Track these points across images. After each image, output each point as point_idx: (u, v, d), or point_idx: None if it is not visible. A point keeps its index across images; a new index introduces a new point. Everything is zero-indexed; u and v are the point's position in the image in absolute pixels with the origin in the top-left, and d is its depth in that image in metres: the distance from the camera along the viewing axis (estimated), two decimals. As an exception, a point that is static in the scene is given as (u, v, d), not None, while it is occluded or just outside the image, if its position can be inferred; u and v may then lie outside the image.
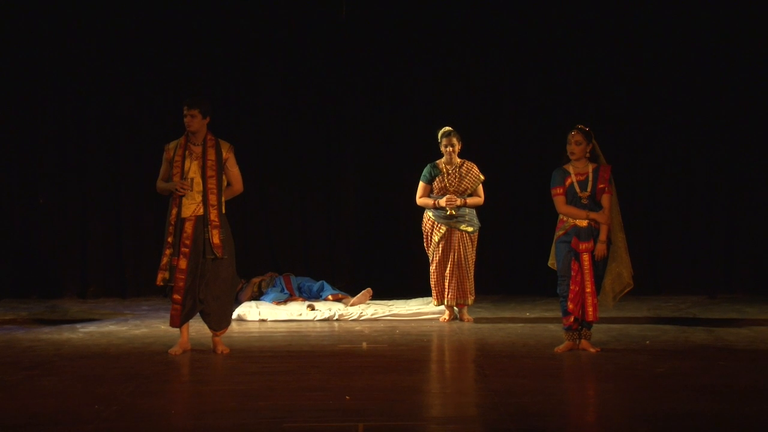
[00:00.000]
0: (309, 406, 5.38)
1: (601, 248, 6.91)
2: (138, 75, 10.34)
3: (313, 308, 8.93)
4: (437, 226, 8.59)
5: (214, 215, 6.92)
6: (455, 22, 10.38)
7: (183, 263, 6.88)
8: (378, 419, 5.07)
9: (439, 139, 8.58)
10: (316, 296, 9.49)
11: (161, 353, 6.99)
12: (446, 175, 8.57)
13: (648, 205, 10.41)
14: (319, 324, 8.62)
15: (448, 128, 8.58)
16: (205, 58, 10.38)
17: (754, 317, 8.65)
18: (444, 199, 8.50)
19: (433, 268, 8.64)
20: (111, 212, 10.42)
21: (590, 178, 6.96)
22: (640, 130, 10.37)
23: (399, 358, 6.91)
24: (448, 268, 8.56)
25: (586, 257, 6.91)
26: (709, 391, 5.69)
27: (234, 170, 7.14)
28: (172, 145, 7.07)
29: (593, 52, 10.31)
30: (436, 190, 8.60)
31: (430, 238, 8.67)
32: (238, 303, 9.07)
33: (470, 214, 8.63)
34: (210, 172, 6.94)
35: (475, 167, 8.64)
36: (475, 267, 8.69)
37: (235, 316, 8.41)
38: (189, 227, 6.90)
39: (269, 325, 8.57)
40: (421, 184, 8.66)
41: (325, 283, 9.64)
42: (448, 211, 8.52)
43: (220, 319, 7.05)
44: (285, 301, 9.22)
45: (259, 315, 8.79)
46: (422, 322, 8.66)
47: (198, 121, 6.95)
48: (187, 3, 10.34)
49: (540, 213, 10.01)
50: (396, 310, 8.91)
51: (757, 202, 10.31)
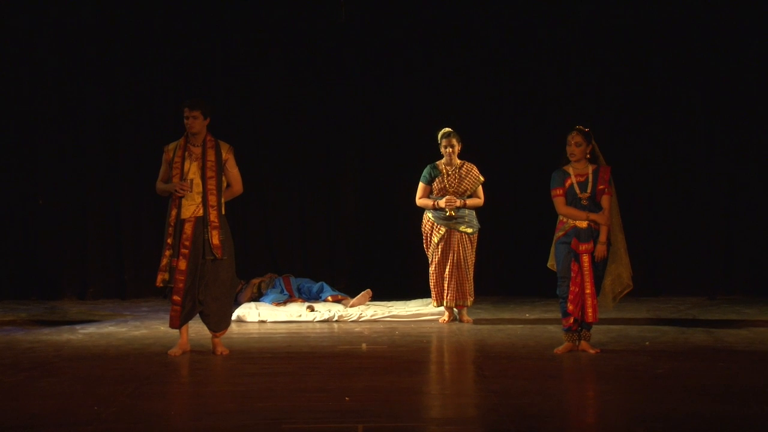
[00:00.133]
0: (308, 407, 5.38)
1: (601, 249, 6.90)
2: (138, 76, 10.35)
3: (312, 309, 8.93)
4: (437, 227, 8.59)
5: (213, 216, 6.91)
6: (455, 23, 10.38)
7: (182, 264, 6.88)
8: (377, 420, 5.07)
9: (439, 140, 8.58)
10: (316, 297, 9.49)
11: (161, 354, 6.98)
12: (446, 176, 8.56)
13: (647, 206, 10.40)
14: (318, 325, 8.62)
15: (448, 129, 8.58)
16: (205, 59, 10.38)
17: (754, 318, 8.65)
18: (443, 200, 8.50)
19: (432, 269, 8.64)
20: (110, 213, 10.42)
21: (590, 179, 6.96)
22: (640, 131, 10.36)
23: (398, 359, 6.90)
24: (448, 269, 8.56)
25: (586, 258, 6.90)
26: (709, 392, 5.69)
27: (234, 171, 7.13)
28: (172, 146, 7.07)
29: (593, 52, 10.31)
30: (436, 191, 8.60)
31: (429, 239, 8.67)
32: (238, 304, 9.07)
33: (470, 215, 8.63)
34: (209, 173, 6.94)
35: (475, 168, 8.63)
36: (475, 268, 8.69)
37: (234, 317, 8.42)
38: (188, 228, 6.89)
39: (269, 326, 8.57)
40: (421, 185, 8.66)
41: (325, 284, 9.64)
42: (448, 212, 8.51)
43: (220, 320, 7.05)
44: (284, 302, 9.21)
45: (259, 316, 8.78)
46: (422, 323, 8.66)
47: (199, 123, 6.96)
48: (187, 3, 10.34)
49: (539, 214, 9.99)
50: (395, 312, 8.90)
51: (757, 203, 10.31)
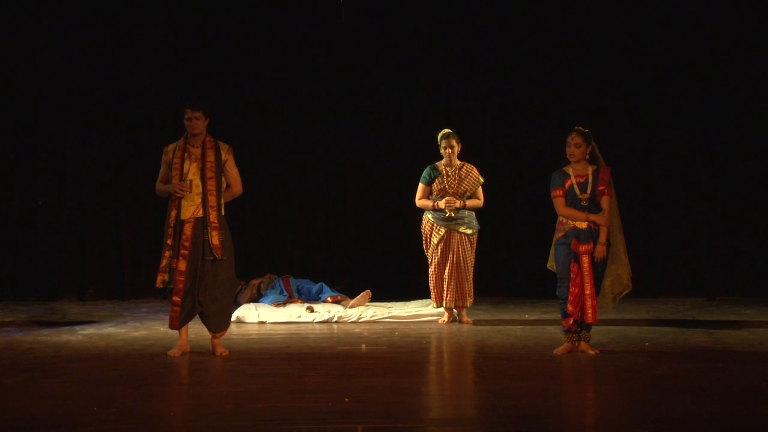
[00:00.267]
0: (308, 408, 5.38)
1: (601, 250, 6.90)
2: (137, 77, 10.35)
3: (312, 310, 8.92)
4: (436, 228, 8.59)
5: (213, 217, 6.91)
6: (455, 23, 10.38)
7: (182, 265, 6.87)
8: (377, 421, 5.06)
9: (439, 141, 8.57)
10: (315, 298, 9.50)
11: (160, 355, 6.98)
12: (446, 176, 8.56)
13: (647, 207, 10.41)
14: (318, 326, 8.61)
15: (448, 130, 8.57)
16: (205, 60, 10.38)
17: (753, 319, 8.65)
18: (443, 201, 8.50)
19: (432, 270, 8.64)
20: (110, 214, 10.42)
21: (590, 180, 6.96)
22: (640, 131, 10.37)
23: (398, 360, 6.90)
24: (447, 270, 8.56)
25: (586, 259, 6.90)
26: (708, 392, 5.69)
27: (233, 172, 7.13)
28: (171, 147, 7.07)
29: (592, 53, 10.31)
30: (436, 192, 8.60)
31: (429, 240, 8.67)
32: (237, 305, 9.08)
33: (469, 216, 8.62)
34: (209, 174, 6.94)
35: (475, 169, 8.63)
36: (474, 269, 8.69)
37: (234, 318, 8.41)
38: (188, 229, 6.89)
39: (268, 327, 8.57)
40: (421, 186, 8.66)
41: (324, 285, 9.65)
42: (448, 213, 8.51)
43: (219, 321, 7.05)
44: (284, 303, 9.22)
45: (258, 317, 8.78)
46: (421, 324, 8.66)
47: (201, 123, 6.96)
48: (187, 4, 10.34)
49: (539, 215, 10.01)
50: (395, 312, 8.90)
51: (756, 204, 10.31)
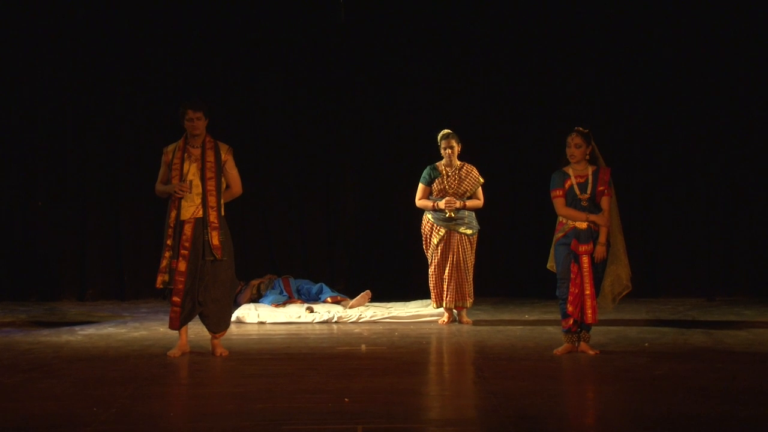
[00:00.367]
0: (308, 408, 5.38)
1: (601, 250, 6.90)
2: (137, 77, 10.34)
3: (312, 310, 8.92)
4: (436, 229, 8.59)
5: (213, 217, 6.91)
6: (454, 24, 10.38)
7: (182, 265, 6.87)
8: (377, 421, 5.06)
9: (439, 142, 8.57)
10: (315, 298, 9.50)
11: (160, 356, 6.98)
12: (446, 177, 8.56)
13: (647, 207, 10.41)
14: (318, 326, 8.61)
15: (448, 130, 8.57)
16: (204, 60, 10.38)
17: (753, 320, 8.65)
18: (443, 202, 8.50)
19: (432, 271, 8.64)
20: (110, 214, 10.41)
21: (590, 181, 6.96)
22: (640, 131, 10.37)
23: (398, 360, 6.90)
24: (447, 271, 8.56)
25: (586, 259, 6.90)
26: (708, 393, 5.69)
27: (233, 172, 7.13)
28: (171, 147, 7.07)
29: (593, 53, 10.31)
30: (436, 192, 8.60)
31: (429, 240, 8.67)
32: (237, 305, 9.07)
33: (469, 216, 8.62)
34: (209, 174, 6.94)
35: (475, 170, 8.63)
36: (474, 269, 8.69)
37: (234, 318, 8.41)
38: (188, 229, 6.89)
39: (268, 327, 8.57)
40: (421, 186, 8.66)
41: (324, 285, 9.64)
42: (447, 214, 8.51)
43: (219, 322, 7.05)
44: (284, 304, 9.21)
45: (258, 317, 8.78)
46: (421, 324, 8.66)
47: (203, 123, 6.97)
48: (187, 5, 10.34)
49: (539, 215, 10.01)
50: (395, 313, 8.90)
51: (756, 204, 10.31)
